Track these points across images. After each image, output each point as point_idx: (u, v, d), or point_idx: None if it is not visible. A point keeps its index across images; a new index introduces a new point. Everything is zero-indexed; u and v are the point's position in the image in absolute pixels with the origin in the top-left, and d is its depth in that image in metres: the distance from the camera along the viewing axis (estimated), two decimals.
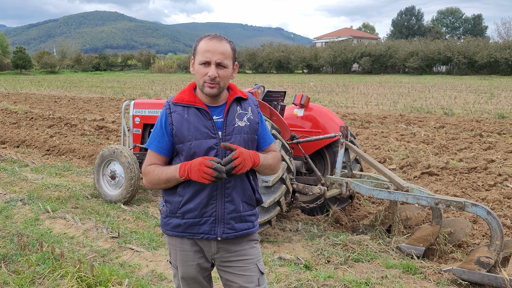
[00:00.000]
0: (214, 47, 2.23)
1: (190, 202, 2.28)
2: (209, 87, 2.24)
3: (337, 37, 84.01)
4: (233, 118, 2.32)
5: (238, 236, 2.35)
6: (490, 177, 7.42)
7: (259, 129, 2.42)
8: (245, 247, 2.40)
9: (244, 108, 2.38)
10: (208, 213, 2.28)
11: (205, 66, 2.23)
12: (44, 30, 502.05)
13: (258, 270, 2.41)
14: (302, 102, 6.00)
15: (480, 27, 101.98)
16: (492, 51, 50.15)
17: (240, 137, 2.30)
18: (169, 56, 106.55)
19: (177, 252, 2.41)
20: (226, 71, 2.25)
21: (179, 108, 2.31)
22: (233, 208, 2.31)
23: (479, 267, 3.94)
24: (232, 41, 2.33)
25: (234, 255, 2.37)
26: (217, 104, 2.35)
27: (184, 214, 2.30)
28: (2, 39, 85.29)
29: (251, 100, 2.46)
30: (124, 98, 23.63)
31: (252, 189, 2.40)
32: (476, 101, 20.04)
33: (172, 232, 2.36)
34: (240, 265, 2.38)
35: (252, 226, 2.41)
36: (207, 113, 2.29)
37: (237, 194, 2.32)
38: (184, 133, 2.26)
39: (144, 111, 6.77)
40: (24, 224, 5.42)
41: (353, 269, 4.25)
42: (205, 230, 2.30)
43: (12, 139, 11.61)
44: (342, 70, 63.39)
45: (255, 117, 2.40)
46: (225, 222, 2.30)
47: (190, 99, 2.31)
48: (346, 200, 5.98)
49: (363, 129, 13.00)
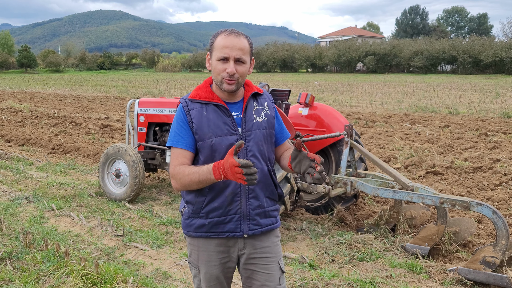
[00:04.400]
0: (232, 42, 2.18)
1: (214, 200, 2.23)
2: (228, 83, 2.20)
3: (341, 36, 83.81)
4: (251, 114, 2.30)
5: (264, 231, 2.33)
6: (496, 176, 7.39)
7: (276, 123, 2.41)
8: (269, 245, 2.37)
9: (261, 104, 2.36)
10: (233, 210, 2.25)
11: (223, 62, 2.18)
12: (49, 29, 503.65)
13: (279, 268, 2.37)
14: (307, 101, 5.99)
15: (485, 26, 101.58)
16: (497, 50, 49.95)
17: (259, 132, 2.28)
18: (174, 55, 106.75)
19: (199, 252, 2.34)
20: (244, 67, 2.21)
21: (197, 105, 2.26)
22: (258, 203, 2.28)
23: (485, 266, 3.92)
24: (249, 36, 2.27)
25: (258, 252, 2.34)
26: (234, 100, 2.31)
27: (208, 213, 2.25)
28: (8, 38, 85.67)
29: (266, 95, 2.44)
30: (129, 97, 23.69)
31: (274, 184, 2.37)
32: (481, 101, 19.95)
33: (196, 233, 2.30)
34: (264, 263, 2.34)
35: (275, 221, 2.39)
36: (226, 110, 2.25)
37: (260, 190, 2.29)
38: (205, 130, 2.21)
39: (149, 110, 6.77)
40: (29, 222, 5.44)
41: (358, 268, 4.24)
42: (231, 228, 2.26)
43: (18, 137, 11.66)
44: (346, 69, 63.28)
45: (271, 112, 2.38)
46: (250, 218, 2.27)
47: (208, 96, 2.27)
48: (350, 199, 5.96)
49: (368, 128, 12.97)
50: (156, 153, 6.76)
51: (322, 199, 5.87)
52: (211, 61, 2.25)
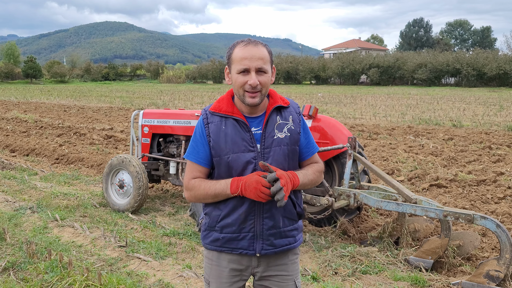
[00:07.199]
0: (251, 53, 2.08)
1: (228, 217, 2.18)
2: (251, 97, 2.11)
3: (345, 49, 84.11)
4: (273, 129, 2.19)
5: (278, 252, 2.24)
6: (500, 189, 7.37)
7: (301, 138, 2.27)
8: (286, 262, 2.30)
9: (285, 118, 2.23)
10: (246, 228, 2.18)
11: (244, 75, 2.09)
12: (54, 40, 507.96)
13: (295, 287, 2.31)
14: (310, 113, 6.00)
15: (489, 39, 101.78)
16: (501, 63, 49.99)
17: (279, 149, 2.18)
18: (178, 67, 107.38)
19: (212, 266, 2.30)
20: (266, 77, 2.12)
21: (216, 119, 2.19)
22: (272, 224, 2.19)
23: (489, 280, 3.90)
24: (267, 44, 2.19)
25: (273, 270, 2.27)
26: (256, 114, 2.22)
27: (222, 228, 2.20)
28: (14, 49, 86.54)
29: (293, 107, 2.30)
30: (133, 107, 23.79)
31: (292, 203, 2.25)
32: (485, 113, 19.94)
33: (211, 246, 2.27)
34: (278, 281, 2.28)
35: (293, 241, 2.29)
36: (245, 125, 2.16)
37: (277, 210, 2.19)
38: (222, 146, 2.15)
39: (153, 121, 6.81)
40: (33, 232, 5.45)
41: (361, 281, 4.22)
42: (244, 245, 2.20)
43: (22, 147, 11.72)
44: (350, 81, 63.41)
45: (296, 127, 2.24)
46: (264, 238, 2.20)
47: (228, 109, 2.18)
48: (354, 212, 5.95)
49: (371, 140, 12.96)
50: (160, 164, 6.78)
51: (325, 211, 5.84)
52: (231, 74, 2.17)
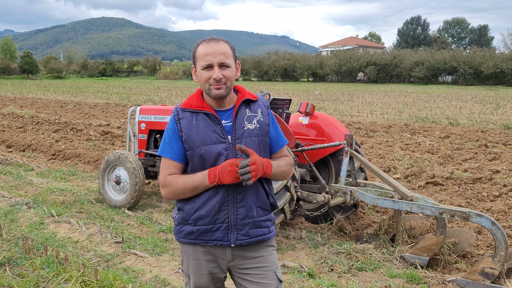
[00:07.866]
0: (213, 49, 2.18)
1: (201, 208, 2.22)
2: (216, 88, 2.19)
3: (342, 46, 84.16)
4: (242, 121, 2.26)
5: (253, 242, 2.28)
6: (495, 187, 7.40)
7: (271, 130, 2.35)
8: (263, 254, 2.32)
9: (254, 110, 2.32)
10: (220, 219, 2.22)
11: (208, 70, 2.19)
12: (51, 35, 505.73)
13: (276, 278, 2.33)
14: (307, 110, 6.01)
15: (486, 37, 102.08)
16: (498, 62, 50.20)
17: (250, 140, 2.24)
18: (175, 63, 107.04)
19: (189, 260, 2.34)
20: (230, 71, 2.20)
21: (187, 114, 2.27)
22: (246, 213, 2.24)
23: (484, 278, 3.92)
24: (229, 41, 2.27)
25: (251, 262, 2.30)
26: (225, 108, 2.29)
27: (196, 221, 2.24)
28: (10, 44, 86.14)
29: (261, 101, 2.39)
30: (130, 104, 23.75)
31: (265, 193, 2.32)
32: (481, 112, 20.00)
33: (185, 239, 2.30)
34: (258, 273, 2.30)
35: (267, 232, 2.33)
36: (215, 118, 2.24)
37: (250, 199, 2.25)
38: (194, 139, 2.21)
39: (150, 117, 6.80)
40: (29, 228, 5.44)
41: (357, 278, 4.24)
42: (218, 237, 2.24)
43: (18, 143, 11.69)
44: (347, 78, 63.48)
45: (265, 119, 2.33)
46: (238, 228, 2.24)
47: (198, 105, 2.27)
48: (350, 209, 5.97)
49: (368, 138, 12.99)
50: (157, 160, 6.78)
51: (321, 208, 5.87)
52: (197, 72, 2.26)
